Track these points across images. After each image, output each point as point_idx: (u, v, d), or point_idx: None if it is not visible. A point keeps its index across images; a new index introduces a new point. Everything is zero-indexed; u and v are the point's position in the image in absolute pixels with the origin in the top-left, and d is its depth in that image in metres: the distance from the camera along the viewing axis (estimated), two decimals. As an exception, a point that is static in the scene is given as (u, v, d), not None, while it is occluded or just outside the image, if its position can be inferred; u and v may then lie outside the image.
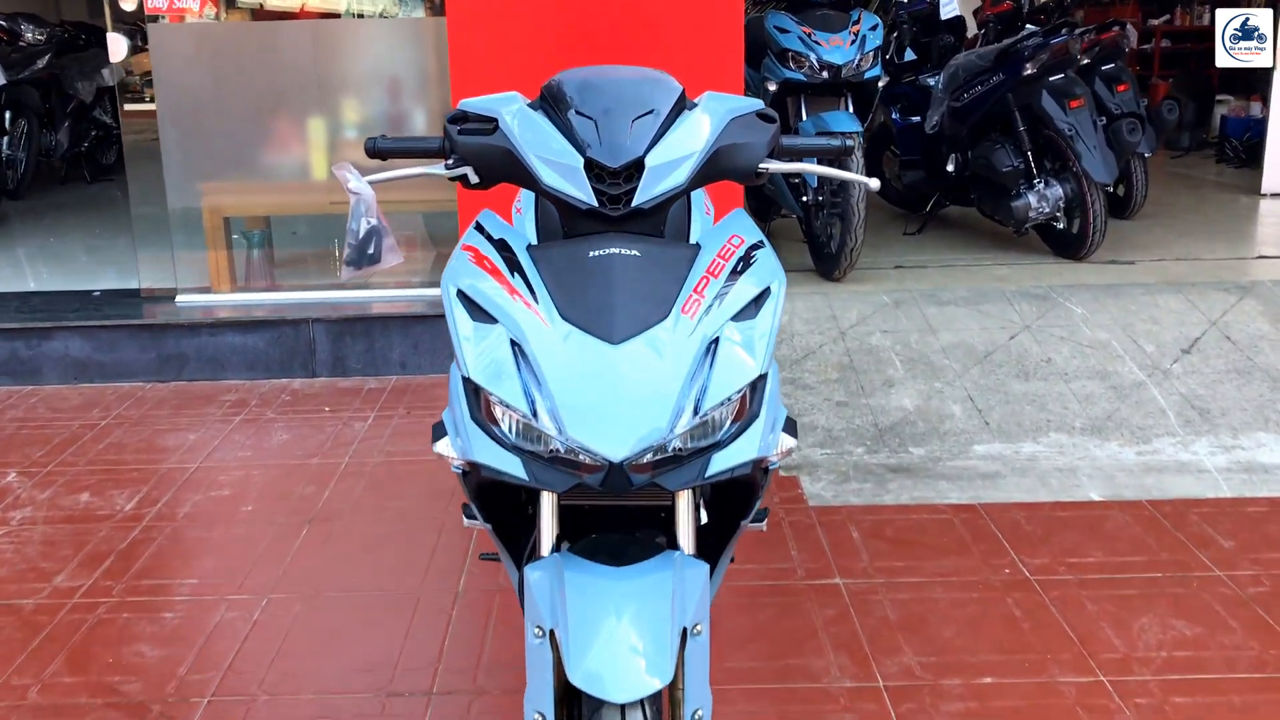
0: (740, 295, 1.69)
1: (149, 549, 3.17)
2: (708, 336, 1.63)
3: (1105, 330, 4.38)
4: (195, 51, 4.72)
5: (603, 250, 1.69)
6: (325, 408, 4.25)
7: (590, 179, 1.73)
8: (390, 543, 3.18)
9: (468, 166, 1.85)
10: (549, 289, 1.67)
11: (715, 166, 1.82)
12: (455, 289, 1.71)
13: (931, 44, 6.23)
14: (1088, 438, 3.76)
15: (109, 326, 4.58)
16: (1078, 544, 3.12)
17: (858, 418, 3.87)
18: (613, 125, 1.75)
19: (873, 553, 3.07)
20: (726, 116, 1.83)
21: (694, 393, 1.60)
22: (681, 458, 1.62)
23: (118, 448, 3.91)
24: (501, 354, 1.63)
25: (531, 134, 1.78)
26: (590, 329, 1.61)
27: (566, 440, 1.56)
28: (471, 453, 1.66)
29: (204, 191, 4.88)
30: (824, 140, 1.95)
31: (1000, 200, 5.31)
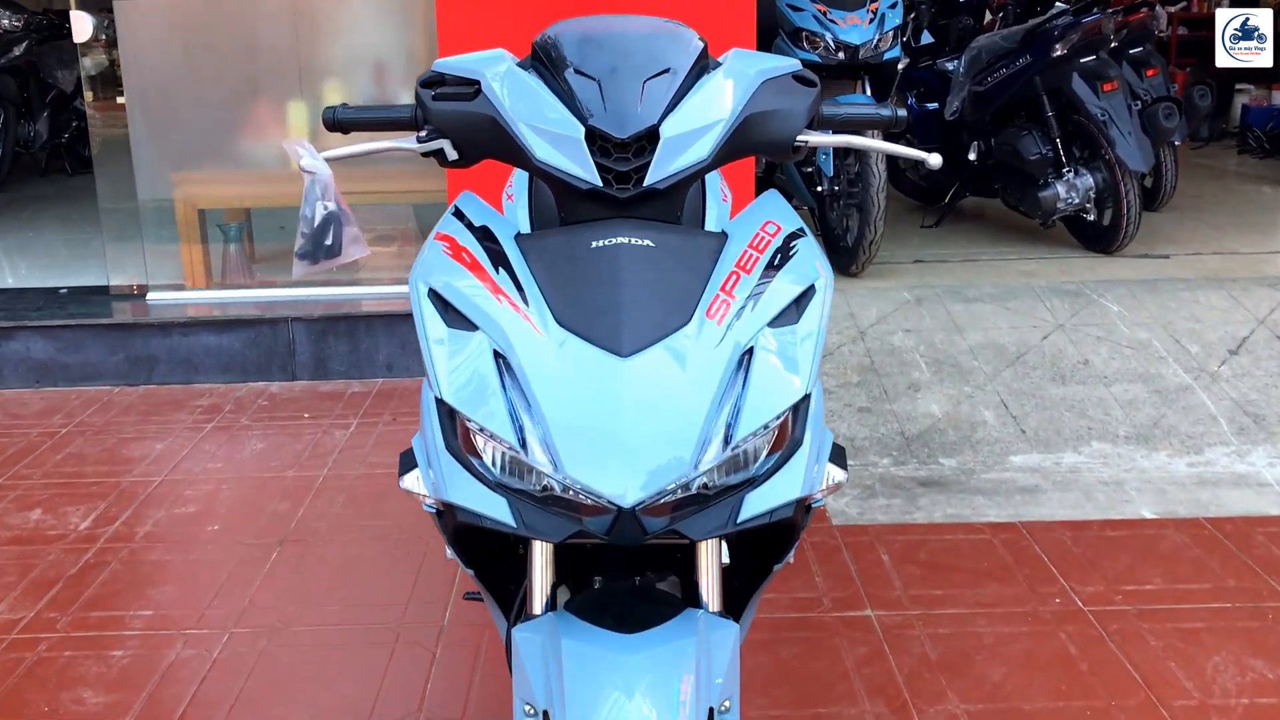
0: (778, 295, 1.37)
1: (101, 575, 2.85)
2: (740, 346, 1.32)
3: (1145, 329, 4.06)
4: (166, 31, 4.40)
5: (608, 239, 1.37)
6: (304, 414, 3.94)
7: (593, 153, 1.41)
8: (369, 568, 2.86)
9: (444, 139, 1.53)
10: (542, 288, 1.36)
11: (745, 139, 1.50)
12: (426, 288, 1.39)
13: (950, 26, 5.91)
14: (1134, 447, 3.44)
15: (74, 326, 4.26)
16: (1133, 568, 2.80)
17: (882, 425, 3.56)
18: (620, 87, 1.42)
19: (906, 579, 2.76)
20: (758, 78, 1.51)
21: (723, 418, 1.28)
22: (707, 497, 1.31)
23: (77, 458, 3.59)
24: (482, 369, 1.31)
25: (521, 99, 1.46)
26: (593, 338, 1.29)
27: (563, 479, 1.24)
28: (446, 491, 1.34)
29: (176, 182, 4.56)
30: (873, 108, 1.63)
31: (1027, 190, 4.99)
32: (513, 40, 1.59)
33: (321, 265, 1.57)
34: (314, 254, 1.56)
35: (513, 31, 3.69)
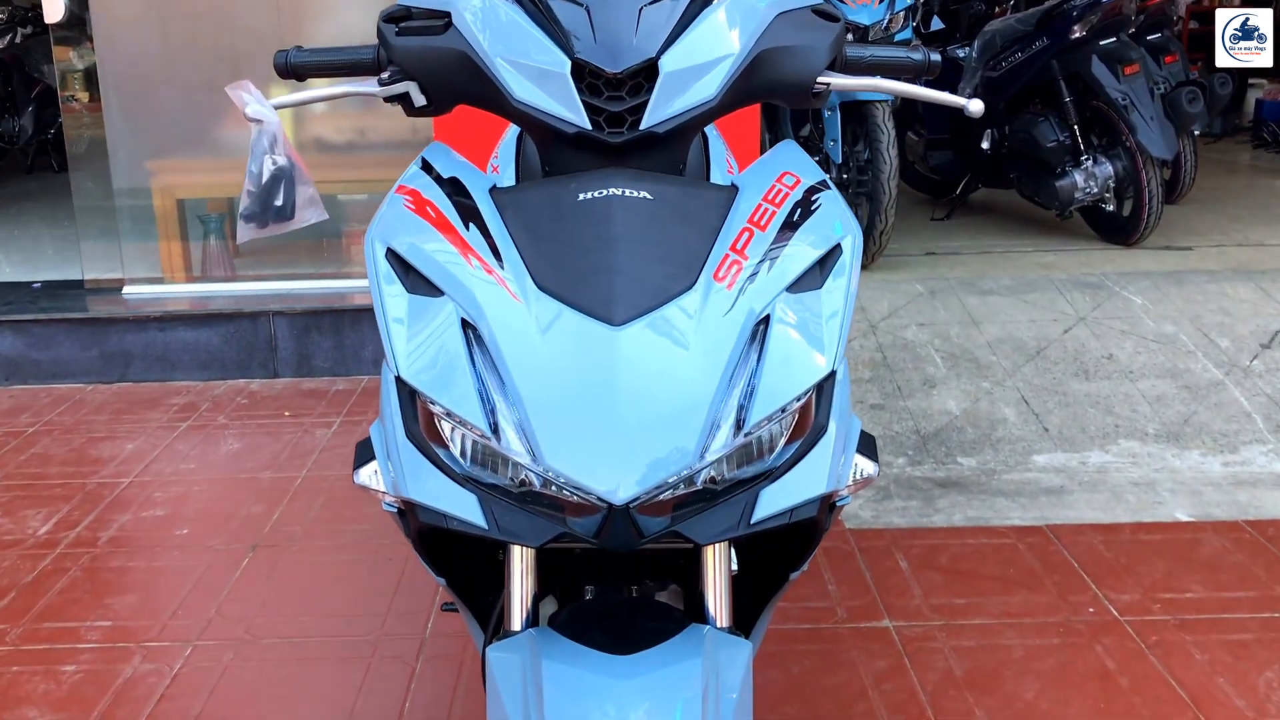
0: (799, 256, 1.17)
1: (59, 582, 2.65)
2: (754, 314, 1.11)
3: (1171, 323, 3.85)
4: (143, 12, 4.19)
5: (598, 191, 1.17)
6: (285, 412, 3.73)
7: (581, 91, 1.21)
8: (346, 575, 2.65)
9: (410, 81, 1.32)
10: (520, 247, 1.15)
11: (757, 78, 1.29)
12: (383, 248, 1.19)
13: (961, 12, 5.71)
14: (1164, 445, 3.24)
15: (45, 321, 4.05)
16: (1170, 575, 2.59)
17: (896, 423, 3.35)
18: (612, 13, 1.22)
19: (926, 587, 2.55)
20: (773, 10, 1.30)
21: (734, 398, 1.07)
22: (715, 493, 1.10)
23: (42, 459, 3.38)
24: (448, 342, 1.10)
25: (497, 31, 1.26)
26: (580, 304, 1.08)
27: (543, 471, 1.04)
28: (406, 487, 1.13)
29: (154, 171, 4.35)
30: (904, 51, 1.42)
31: (1043, 180, 4.78)
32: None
33: (271, 229, 1.36)
34: (262, 216, 1.35)
35: None
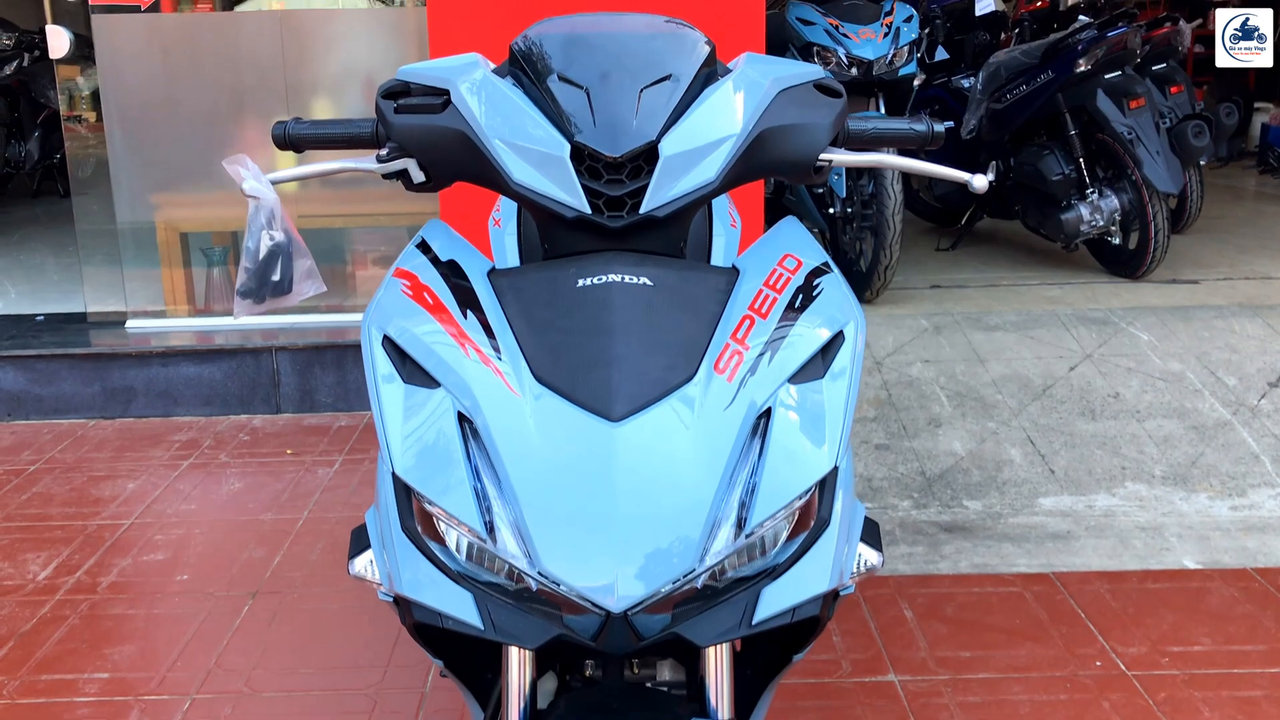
0: (801, 344, 1.15)
1: (58, 631, 2.63)
2: (755, 407, 1.09)
3: (1178, 360, 3.83)
4: (147, 46, 4.19)
5: (597, 277, 1.15)
6: (287, 450, 3.71)
7: (580, 174, 1.20)
8: (347, 625, 2.63)
9: (409, 158, 1.31)
10: (518, 336, 1.13)
11: (759, 158, 1.27)
12: (380, 334, 1.17)
13: (966, 42, 5.70)
14: (1171, 488, 3.21)
15: (47, 356, 4.04)
16: (1178, 626, 2.56)
17: (901, 464, 3.33)
18: (612, 96, 1.21)
19: (932, 638, 2.52)
20: (774, 88, 1.29)
21: (735, 497, 1.05)
22: (716, 590, 1.08)
23: (43, 499, 3.37)
24: (443, 436, 1.09)
25: (497, 111, 1.24)
26: (578, 397, 1.07)
27: (540, 575, 1.02)
28: (401, 584, 1.11)
29: (157, 204, 4.34)
30: (907, 123, 1.41)
31: (1048, 212, 4.76)
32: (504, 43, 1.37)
33: (268, 305, 1.35)
34: (259, 291, 1.34)
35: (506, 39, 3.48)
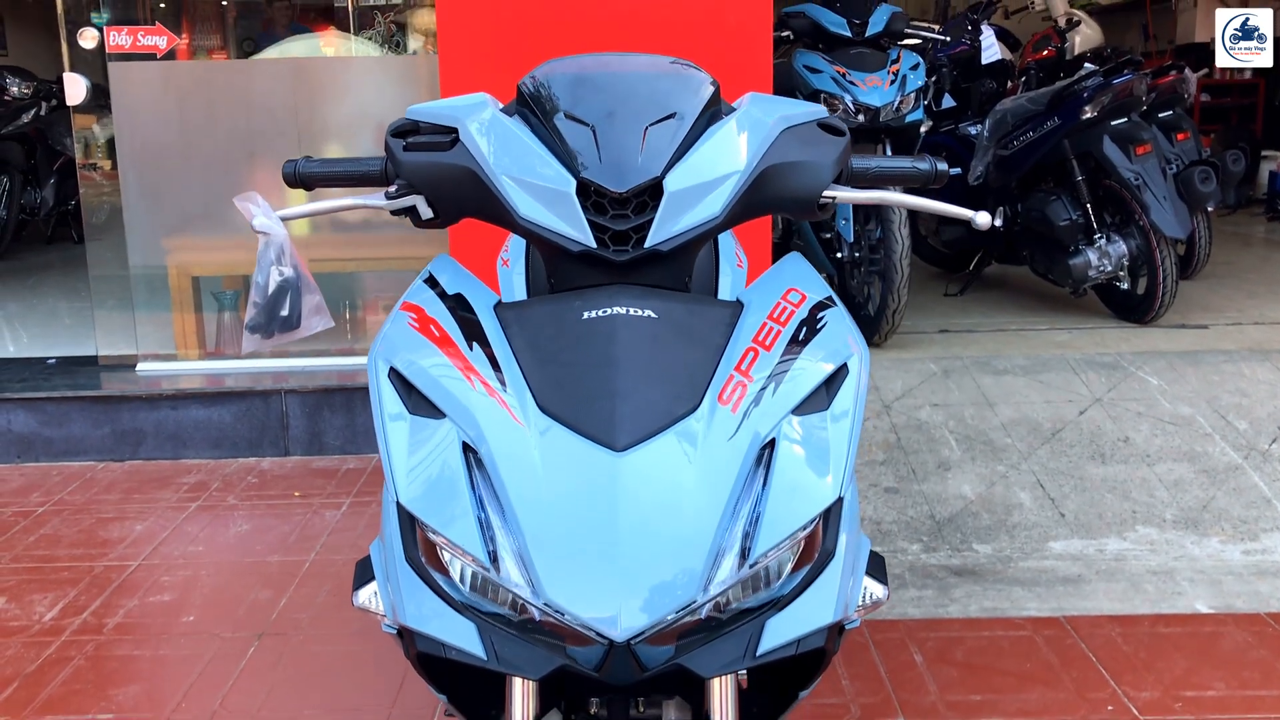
0: (805, 376, 1.15)
1: (63, 672, 2.62)
2: (759, 438, 1.09)
3: (1188, 404, 3.82)
4: (161, 93, 4.25)
5: (602, 310, 1.16)
6: (295, 492, 3.71)
7: (586, 209, 1.21)
8: (353, 665, 2.62)
9: (417, 195, 1.33)
10: (523, 367, 1.14)
11: (763, 194, 1.29)
12: (386, 367, 1.18)
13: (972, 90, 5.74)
14: (1183, 532, 3.19)
15: (59, 399, 4.06)
16: (1191, 671, 2.54)
17: (911, 508, 3.31)
18: (618, 134, 1.22)
19: (942, 683, 2.50)
20: (778, 126, 1.30)
21: (739, 528, 1.06)
22: (720, 621, 1.08)
23: (51, 540, 3.37)
24: (448, 466, 1.09)
25: (504, 149, 1.26)
26: (582, 428, 1.07)
27: (543, 604, 1.02)
28: (405, 615, 1.11)
29: (170, 248, 4.38)
30: (910, 161, 1.42)
31: (1056, 258, 4.77)
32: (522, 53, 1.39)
33: (276, 339, 1.36)
34: (267, 326, 1.35)
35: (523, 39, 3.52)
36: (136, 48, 4.13)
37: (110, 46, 4.15)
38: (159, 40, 4.15)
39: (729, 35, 3.54)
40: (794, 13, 4.68)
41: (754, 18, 3.58)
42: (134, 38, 4.11)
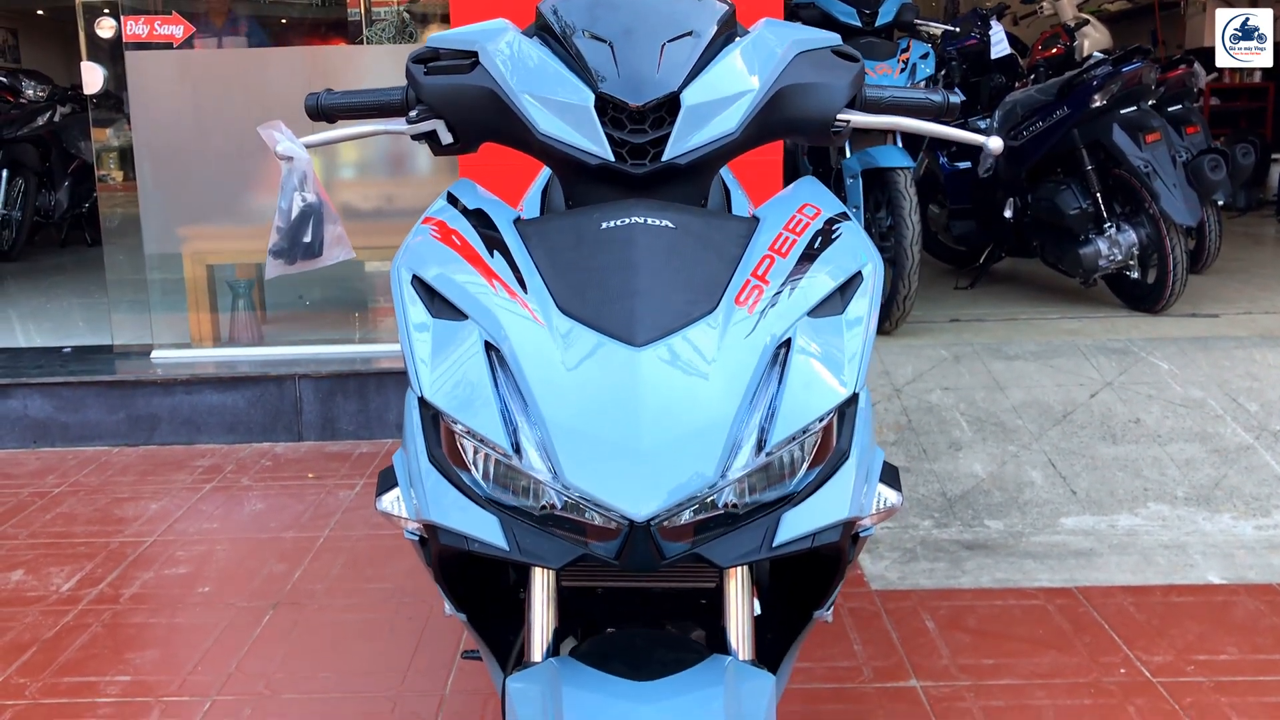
0: (820, 282, 1.17)
1: (80, 638, 2.64)
2: (776, 338, 1.11)
3: (1199, 388, 3.82)
4: (177, 81, 4.29)
5: (621, 220, 1.18)
6: (309, 474, 3.73)
7: (604, 124, 1.23)
8: (367, 633, 2.63)
9: (437, 119, 1.35)
10: (543, 274, 1.16)
11: (778, 114, 1.31)
12: (409, 275, 1.20)
13: (981, 84, 5.76)
14: (1194, 509, 3.19)
15: (74, 384, 4.09)
16: (1204, 637, 2.54)
17: (922, 486, 3.32)
18: (636, 49, 1.25)
19: (954, 647, 2.51)
20: (793, 49, 1.32)
21: (756, 420, 1.07)
22: (736, 516, 1.09)
23: (67, 518, 3.39)
24: (471, 363, 1.11)
25: (523, 68, 1.28)
26: (602, 326, 1.09)
27: (566, 489, 1.03)
28: (428, 510, 1.13)
29: (185, 237, 4.42)
30: (923, 93, 1.44)
31: (1066, 247, 4.78)
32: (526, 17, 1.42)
33: (299, 266, 1.38)
34: (290, 252, 1.37)
35: None
36: (153, 37, 4.17)
37: (127, 36, 4.19)
38: (175, 29, 4.19)
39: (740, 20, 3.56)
40: (804, 3, 4.71)
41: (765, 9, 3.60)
42: (151, 27, 4.15)
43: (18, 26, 15.15)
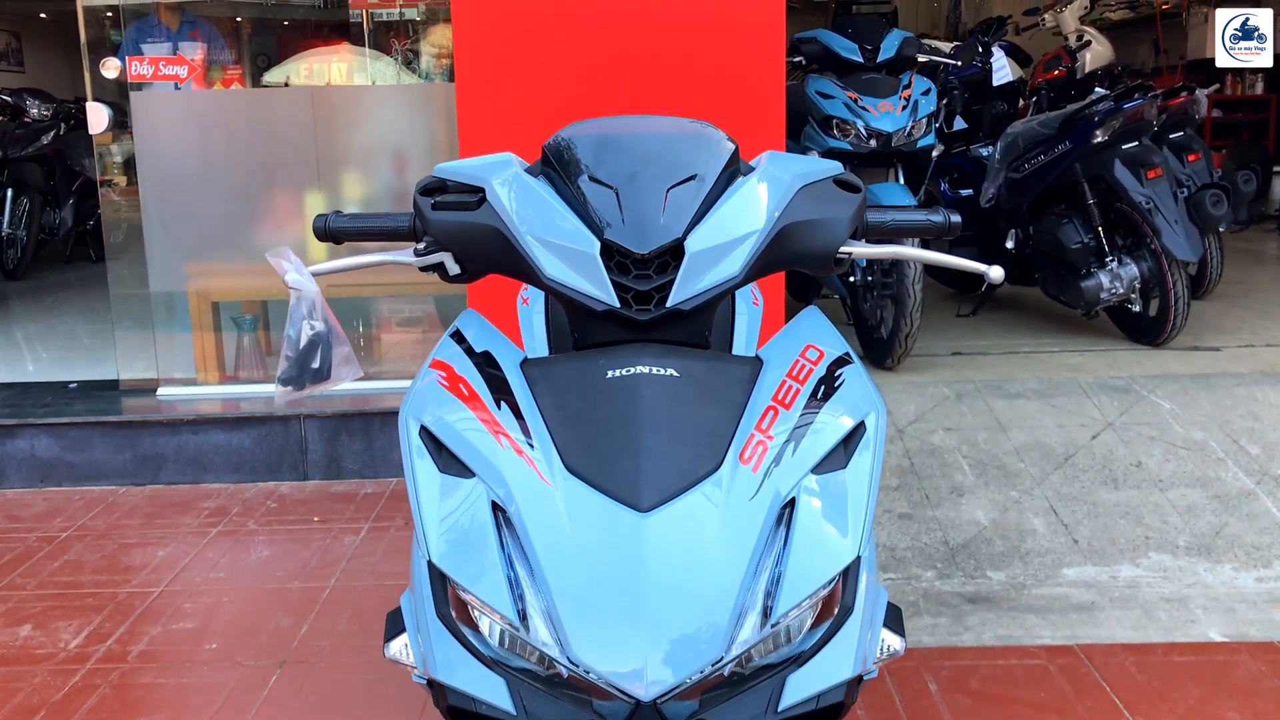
0: (824, 435, 1.19)
1: (88, 700, 2.66)
2: (780, 497, 1.13)
3: (1200, 429, 3.84)
4: (182, 120, 4.31)
5: (626, 369, 1.20)
6: (314, 517, 3.75)
7: (610, 269, 1.25)
8: (373, 693, 2.65)
9: (445, 252, 1.37)
10: (550, 426, 1.18)
11: (781, 251, 1.32)
12: (417, 425, 1.22)
13: (984, 111, 5.77)
14: (1195, 559, 3.21)
15: (80, 424, 4.11)
16: (1205, 701, 2.56)
17: (924, 534, 3.34)
18: (640, 196, 1.26)
19: (956, 712, 2.52)
20: (795, 184, 1.34)
21: (761, 585, 1.09)
22: (743, 677, 1.11)
23: (75, 566, 3.42)
24: (477, 524, 1.13)
25: (530, 209, 1.30)
26: (607, 488, 1.10)
27: (571, 663, 1.05)
28: (436, 669, 1.15)
29: (190, 273, 4.44)
30: (924, 215, 1.45)
31: (1068, 280, 4.80)
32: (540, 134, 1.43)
33: (307, 391, 1.40)
34: (299, 379, 1.39)
35: (540, 125, 3.56)
36: (158, 77, 4.19)
37: (132, 76, 4.20)
38: (180, 70, 4.21)
39: (743, 62, 3.58)
40: (806, 38, 4.72)
41: (767, 44, 3.62)
42: (155, 67, 4.17)
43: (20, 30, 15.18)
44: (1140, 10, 10.40)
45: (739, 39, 3.58)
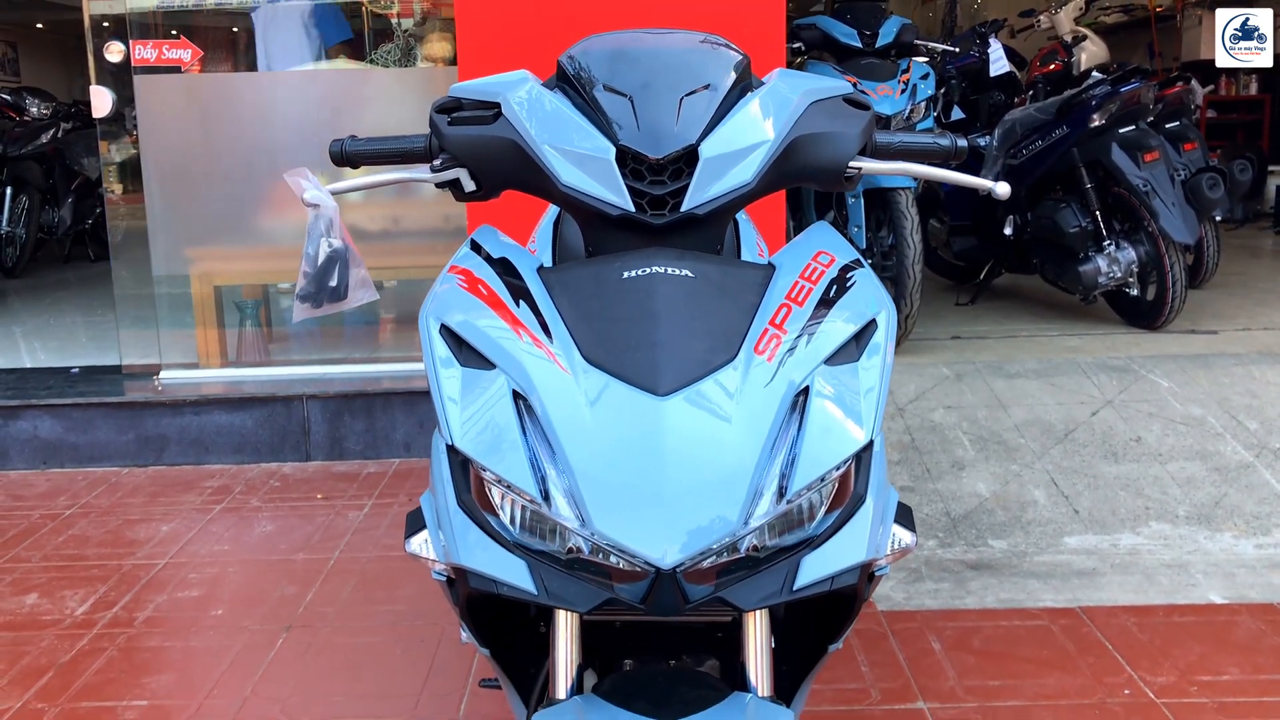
0: (836, 330, 1.21)
1: (96, 662, 2.67)
2: (794, 385, 1.15)
3: (1199, 405, 3.86)
4: (185, 105, 4.33)
5: (641, 269, 1.22)
6: (318, 495, 3.77)
7: (624, 176, 1.27)
8: (379, 656, 2.66)
9: (460, 168, 1.39)
10: (568, 323, 1.20)
11: (792, 163, 1.35)
12: (438, 324, 1.24)
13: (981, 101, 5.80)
14: (1195, 527, 3.23)
15: (83, 405, 4.12)
16: (1206, 657, 2.57)
17: (926, 505, 3.36)
18: (654, 103, 1.28)
19: (960, 668, 2.54)
20: (806, 99, 1.36)
21: (777, 467, 1.11)
22: (758, 560, 1.13)
23: (79, 540, 3.43)
24: (500, 412, 1.15)
25: (545, 120, 1.32)
26: (626, 376, 1.13)
27: (592, 536, 1.07)
28: (458, 554, 1.16)
29: (193, 258, 4.45)
30: (931, 138, 1.48)
31: (1066, 265, 4.83)
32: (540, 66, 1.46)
33: (325, 309, 1.42)
34: (317, 297, 1.42)
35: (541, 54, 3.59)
36: (162, 61, 4.21)
37: (136, 60, 4.23)
38: (183, 54, 4.23)
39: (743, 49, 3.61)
40: (805, 24, 4.76)
41: (768, 30, 3.65)
42: (159, 51, 4.19)
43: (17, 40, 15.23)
44: (1135, 14, 10.46)
45: (739, 26, 3.61)
